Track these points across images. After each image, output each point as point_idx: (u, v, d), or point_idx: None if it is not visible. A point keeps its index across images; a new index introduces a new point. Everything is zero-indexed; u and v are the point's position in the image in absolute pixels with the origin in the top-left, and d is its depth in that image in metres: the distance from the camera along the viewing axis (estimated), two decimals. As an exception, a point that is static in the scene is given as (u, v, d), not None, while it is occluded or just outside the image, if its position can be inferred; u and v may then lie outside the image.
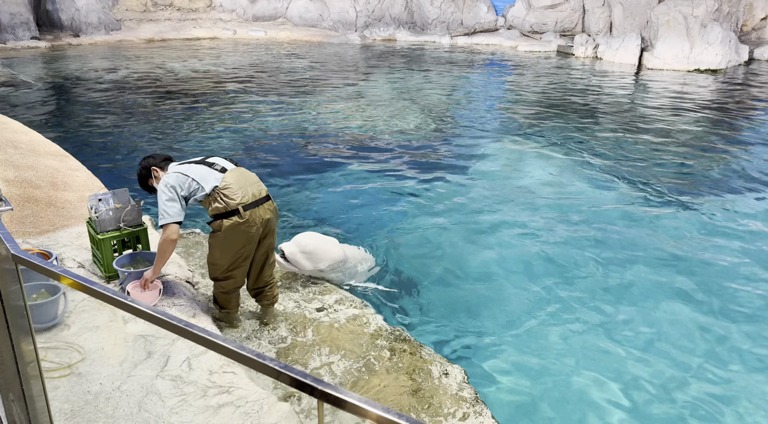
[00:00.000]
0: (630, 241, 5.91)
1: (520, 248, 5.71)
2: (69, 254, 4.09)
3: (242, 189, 3.49)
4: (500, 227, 6.14)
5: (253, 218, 3.50)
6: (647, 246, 5.81)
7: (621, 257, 5.58)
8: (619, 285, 5.11)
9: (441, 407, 3.33)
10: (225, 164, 3.61)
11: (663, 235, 6.11)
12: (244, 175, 3.60)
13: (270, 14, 23.47)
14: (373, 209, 6.57)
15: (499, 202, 6.81)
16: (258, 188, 3.58)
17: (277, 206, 3.76)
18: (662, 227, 6.32)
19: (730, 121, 11.19)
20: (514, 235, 5.97)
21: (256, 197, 3.54)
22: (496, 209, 6.60)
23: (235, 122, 10.27)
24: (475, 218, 6.36)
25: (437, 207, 6.67)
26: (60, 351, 3.01)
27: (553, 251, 5.65)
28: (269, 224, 3.65)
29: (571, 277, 5.21)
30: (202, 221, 6.14)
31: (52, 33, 19.40)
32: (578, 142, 9.39)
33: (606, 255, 5.60)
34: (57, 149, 6.47)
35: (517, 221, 6.28)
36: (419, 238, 5.88)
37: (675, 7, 16.89)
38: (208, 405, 2.74)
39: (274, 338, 3.88)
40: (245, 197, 3.48)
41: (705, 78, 15.63)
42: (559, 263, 5.45)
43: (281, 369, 1.21)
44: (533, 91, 13.71)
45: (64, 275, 1.65)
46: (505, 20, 22.92)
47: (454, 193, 7.12)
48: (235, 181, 3.51)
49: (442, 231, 6.04)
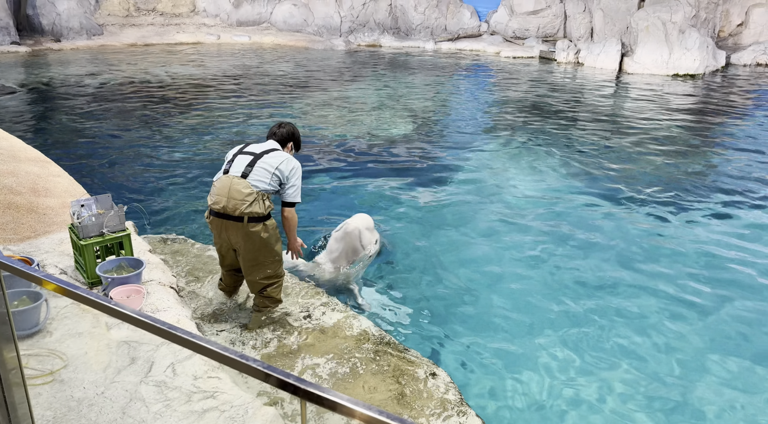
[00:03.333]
0: (611, 243, 6.00)
1: (503, 251, 5.77)
2: (51, 260, 4.05)
3: (218, 196, 3.65)
4: (484, 232, 6.20)
5: (214, 225, 3.75)
6: (628, 248, 5.90)
7: (602, 259, 5.66)
8: (604, 287, 5.19)
9: (424, 409, 3.36)
10: (234, 167, 3.71)
11: (646, 237, 6.21)
12: (231, 187, 3.62)
13: (254, 19, 23.44)
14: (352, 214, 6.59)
15: (482, 206, 6.87)
16: (228, 204, 3.59)
17: (257, 232, 3.65)
18: (644, 229, 6.43)
19: (709, 125, 11.41)
20: (498, 239, 6.03)
21: (225, 211, 3.62)
22: (480, 213, 6.66)
23: (219, 128, 10.24)
24: (459, 223, 6.42)
25: (420, 212, 6.71)
26: (42, 358, 2.99)
27: (537, 255, 5.72)
28: (230, 239, 3.73)
29: (557, 280, 5.28)
30: (188, 228, 6.12)
31: (33, 38, 19.18)
32: (561, 147, 9.51)
33: (588, 258, 5.68)
34: (38, 155, 6.41)
35: (501, 226, 6.35)
36: (403, 243, 5.91)
37: (654, 14, 17.20)
38: (193, 410, 2.74)
39: (258, 342, 3.88)
40: (215, 205, 3.65)
41: (684, 83, 15.92)
42: (543, 266, 5.51)
43: (264, 369, 1.24)
44: (516, 96, 13.85)
45: (48, 280, 1.66)
46: (489, 26, 23.14)
47: (437, 198, 7.17)
48: (218, 187, 3.67)
49: (425, 235, 6.08)
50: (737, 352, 4.36)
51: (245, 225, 3.63)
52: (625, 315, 4.78)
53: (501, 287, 5.12)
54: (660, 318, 4.75)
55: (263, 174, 3.67)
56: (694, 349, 4.39)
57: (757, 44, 19.02)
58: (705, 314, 4.82)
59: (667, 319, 4.74)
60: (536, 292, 5.06)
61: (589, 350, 4.31)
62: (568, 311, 4.79)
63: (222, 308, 4.24)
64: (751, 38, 20.04)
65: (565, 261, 5.59)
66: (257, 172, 3.67)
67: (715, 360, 4.26)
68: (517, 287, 5.13)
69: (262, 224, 3.68)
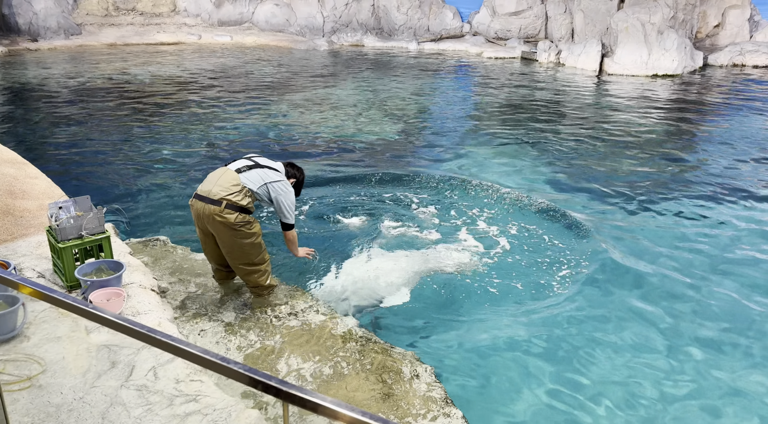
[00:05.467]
0: (587, 238, 6.07)
1: (487, 250, 5.80)
2: (28, 263, 3.98)
3: (207, 182, 3.95)
4: (466, 230, 6.22)
5: (194, 207, 3.96)
6: (615, 251, 5.97)
7: (585, 261, 5.72)
8: (588, 285, 5.24)
9: (410, 408, 3.36)
10: (233, 164, 4.05)
11: (627, 239, 6.28)
12: (220, 174, 3.96)
13: (236, 19, 23.27)
14: (338, 215, 6.57)
15: (464, 204, 6.90)
16: (213, 189, 3.87)
17: (231, 218, 3.85)
18: (624, 229, 6.50)
19: (687, 124, 11.60)
20: (480, 238, 6.05)
21: (204, 194, 3.88)
22: (461, 212, 6.68)
23: (200, 128, 10.14)
24: (442, 221, 6.43)
25: (404, 212, 6.72)
26: (19, 363, 2.93)
27: (519, 254, 5.75)
28: (207, 224, 3.93)
29: (541, 278, 5.32)
30: (169, 230, 6.06)
31: (9, 38, 18.83)
32: (542, 146, 9.59)
33: (571, 259, 5.73)
34: (14, 156, 6.29)
35: (482, 225, 6.37)
36: (387, 243, 5.90)
37: (633, 15, 17.43)
38: (175, 414, 2.70)
39: (242, 343, 3.85)
40: (200, 190, 3.93)
41: (663, 83, 16.15)
42: (528, 265, 5.55)
43: (246, 372, 1.22)
44: (498, 96, 13.94)
45: (24, 284, 1.62)
46: (471, 27, 23.25)
47: (421, 197, 7.17)
48: (210, 175, 4.01)
49: (410, 235, 6.09)
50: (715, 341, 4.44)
51: (222, 210, 3.82)
52: (614, 313, 4.83)
53: (485, 286, 5.14)
54: (643, 320, 4.81)
55: (256, 179, 3.97)
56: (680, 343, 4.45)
57: (734, 45, 19.37)
58: (684, 301, 4.90)
59: (650, 321, 4.81)
60: (524, 292, 5.09)
61: (577, 349, 4.35)
62: (556, 311, 4.83)
63: (205, 310, 4.20)
64: (728, 39, 20.40)
65: (547, 260, 5.63)
66: (251, 175, 3.98)
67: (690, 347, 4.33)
68: (503, 286, 5.15)
69: (237, 213, 3.86)
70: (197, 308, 4.23)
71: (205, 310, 4.21)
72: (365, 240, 5.87)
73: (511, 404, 3.77)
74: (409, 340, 4.38)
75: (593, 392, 3.91)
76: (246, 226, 3.92)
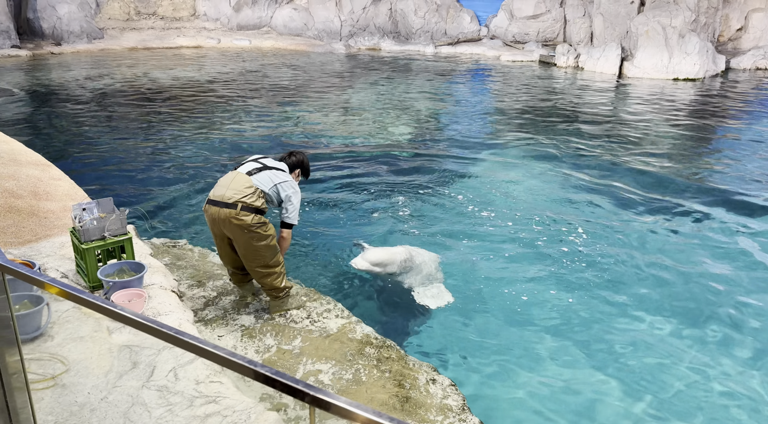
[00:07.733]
0: (616, 249, 5.99)
1: (507, 259, 5.76)
2: (52, 264, 4.04)
3: (219, 187, 3.94)
4: (487, 238, 6.19)
5: (208, 213, 3.93)
6: (634, 255, 5.89)
7: (608, 266, 5.65)
8: (611, 294, 5.17)
9: (427, 414, 3.34)
10: (242, 167, 4.05)
11: (650, 244, 6.19)
12: (232, 178, 3.95)
13: (254, 23, 23.48)
14: (355, 220, 6.58)
15: (484, 212, 6.86)
16: (226, 193, 3.86)
17: (247, 220, 3.83)
18: (647, 235, 6.41)
19: (709, 129, 11.42)
20: (500, 246, 6.01)
21: (218, 199, 3.87)
22: (482, 220, 6.65)
23: (219, 131, 10.24)
24: (462, 229, 6.40)
25: (422, 219, 6.70)
26: (44, 362, 2.97)
27: (541, 261, 5.70)
28: (222, 228, 3.91)
29: (562, 286, 5.27)
30: (190, 233, 6.11)
31: (33, 41, 19.20)
32: (563, 151, 9.51)
33: (594, 265, 5.66)
34: (39, 158, 6.40)
35: (504, 233, 6.33)
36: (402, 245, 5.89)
37: (654, 18, 17.23)
38: (195, 415, 2.72)
39: (260, 347, 3.86)
40: (213, 194, 3.92)
41: (684, 87, 15.94)
42: (549, 273, 5.50)
43: (272, 375, 1.22)
44: (516, 100, 13.86)
45: (51, 283, 1.65)
46: (488, 30, 23.17)
47: (440, 204, 7.15)
48: (222, 179, 4.00)
49: (427, 243, 6.07)
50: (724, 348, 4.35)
51: (238, 212, 3.83)
52: (635, 322, 4.76)
53: (504, 293, 5.11)
54: (665, 324, 4.74)
55: (266, 181, 4.01)
56: (697, 346, 4.38)
57: (757, 49, 19.05)
58: (697, 312, 4.81)
59: (670, 324, 4.73)
60: (542, 298, 5.04)
61: (594, 357, 4.30)
62: (573, 318, 4.78)
63: (222, 313, 4.23)
64: (751, 43, 20.07)
65: (569, 268, 5.58)
66: (261, 177, 4.00)
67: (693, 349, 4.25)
68: (521, 293, 5.11)
69: (253, 214, 3.87)
70: (215, 310, 4.25)
71: (222, 312, 4.23)
72: (379, 243, 5.87)
73: (529, 417, 3.73)
74: (427, 347, 4.36)
75: (619, 407, 3.85)
76: (262, 227, 3.94)
